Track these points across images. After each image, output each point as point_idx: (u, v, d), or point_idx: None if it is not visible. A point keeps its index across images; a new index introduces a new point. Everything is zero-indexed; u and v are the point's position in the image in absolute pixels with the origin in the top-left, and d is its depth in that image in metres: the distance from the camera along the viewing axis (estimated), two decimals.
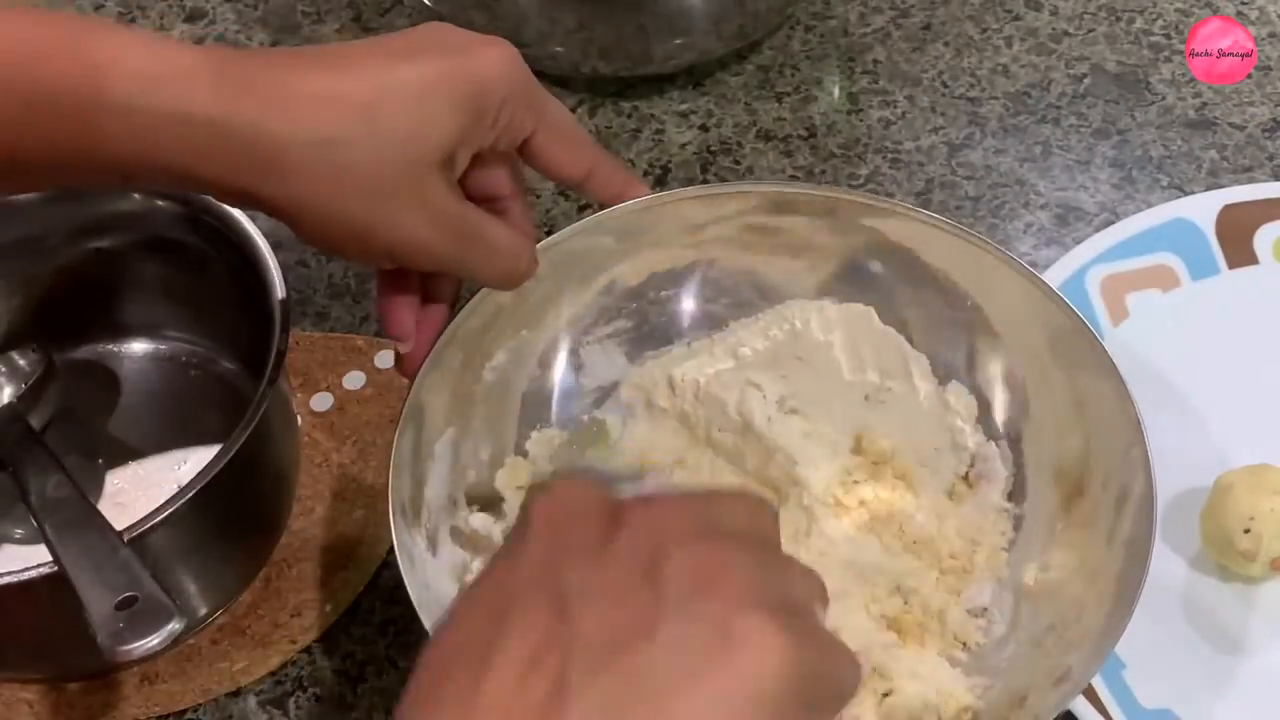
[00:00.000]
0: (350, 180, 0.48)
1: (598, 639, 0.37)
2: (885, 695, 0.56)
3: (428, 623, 0.52)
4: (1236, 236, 0.73)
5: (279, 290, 0.61)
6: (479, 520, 0.59)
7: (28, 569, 0.54)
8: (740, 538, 0.40)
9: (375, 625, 0.64)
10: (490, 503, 0.60)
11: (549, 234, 0.60)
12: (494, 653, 0.37)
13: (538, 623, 0.37)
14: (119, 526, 0.55)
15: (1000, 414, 0.62)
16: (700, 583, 0.38)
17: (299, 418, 0.68)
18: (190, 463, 0.67)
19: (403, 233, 0.50)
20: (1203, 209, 0.74)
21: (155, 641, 0.51)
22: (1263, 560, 0.60)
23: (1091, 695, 0.58)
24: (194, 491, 0.55)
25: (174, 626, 0.51)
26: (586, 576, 0.38)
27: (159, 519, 0.55)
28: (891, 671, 0.56)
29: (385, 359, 0.71)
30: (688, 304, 0.64)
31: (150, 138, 0.46)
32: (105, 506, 0.63)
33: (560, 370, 0.63)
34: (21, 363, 0.66)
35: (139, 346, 0.72)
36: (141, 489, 0.66)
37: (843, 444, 0.63)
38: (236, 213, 0.64)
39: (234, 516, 0.60)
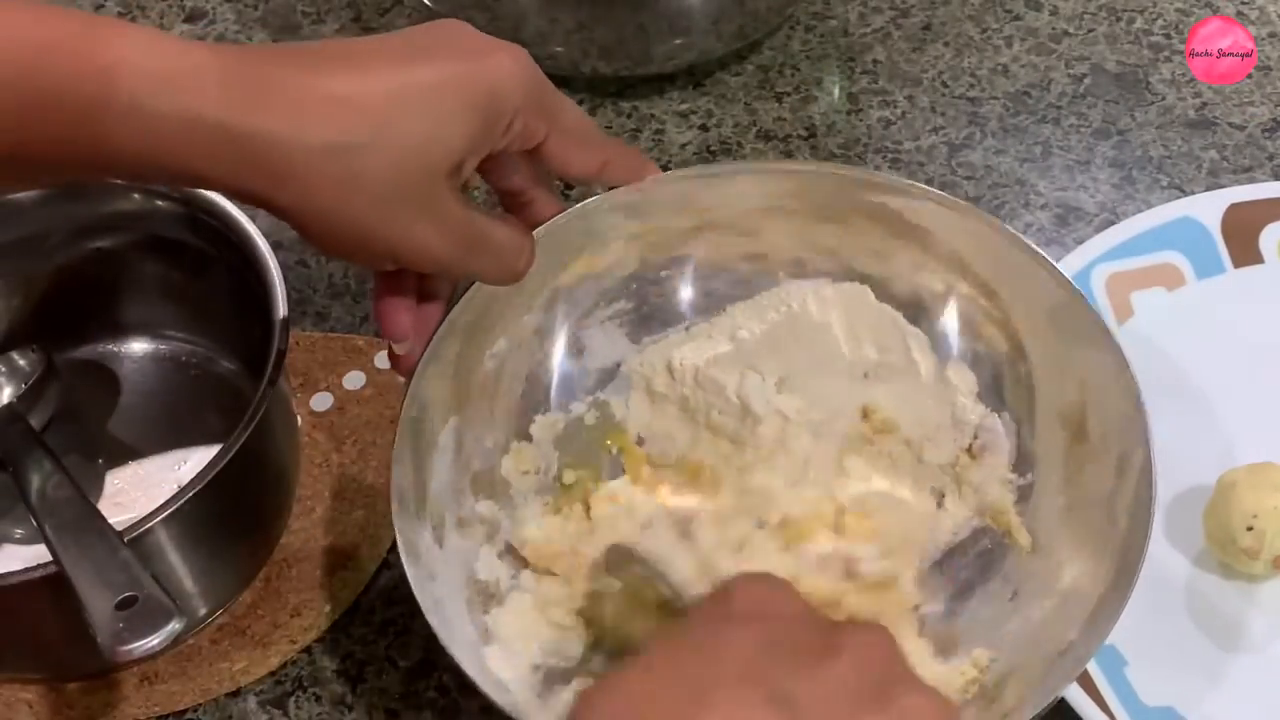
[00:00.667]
0: (360, 187, 0.48)
1: None
2: None
3: (431, 618, 0.52)
4: (1242, 235, 0.73)
5: (279, 291, 0.61)
6: (485, 508, 0.59)
7: (28, 569, 0.54)
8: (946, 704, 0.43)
9: (375, 625, 0.64)
10: (497, 490, 0.60)
11: None
12: None
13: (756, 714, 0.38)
14: (119, 526, 0.55)
15: (1004, 386, 0.62)
16: None
17: (299, 418, 0.68)
18: (190, 463, 0.67)
19: (411, 239, 0.50)
20: (1208, 208, 0.74)
21: (155, 641, 0.51)
22: (1266, 558, 0.60)
23: (1094, 692, 0.58)
24: (194, 491, 0.55)
25: (174, 626, 0.51)
26: (810, 687, 0.39)
27: (159, 519, 0.55)
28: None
29: (385, 359, 0.71)
30: (688, 284, 0.64)
31: (157, 139, 0.45)
32: (105, 506, 0.63)
33: (562, 354, 0.63)
34: (21, 363, 0.66)
35: (139, 346, 0.72)
36: (141, 489, 0.66)
37: (844, 421, 0.63)
38: (236, 213, 0.64)
39: (234, 516, 0.60)
